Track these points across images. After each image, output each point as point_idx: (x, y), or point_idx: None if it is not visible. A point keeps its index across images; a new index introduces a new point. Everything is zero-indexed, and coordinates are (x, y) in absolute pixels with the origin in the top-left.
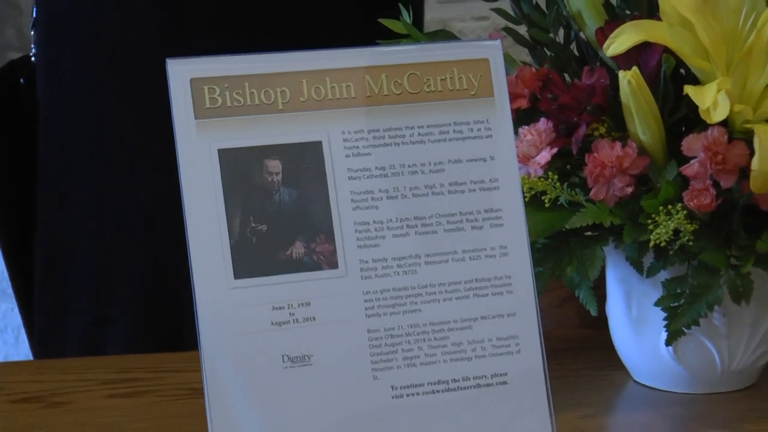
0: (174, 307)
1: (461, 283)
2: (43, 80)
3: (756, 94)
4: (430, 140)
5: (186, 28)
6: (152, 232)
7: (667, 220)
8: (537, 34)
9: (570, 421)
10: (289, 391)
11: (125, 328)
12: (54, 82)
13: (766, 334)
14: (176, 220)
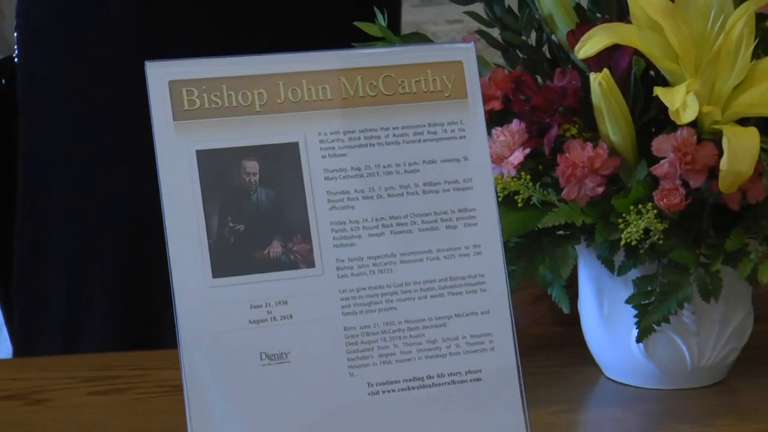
0: (148, 306)
1: (436, 282)
2: (23, 82)
3: (724, 96)
4: (405, 141)
5: (163, 33)
6: (128, 231)
7: (638, 219)
8: (509, 37)
9: (543, 417)
10: (267, 388)
11: (100, 326)
12: (33, 83)
13: (735, 331)
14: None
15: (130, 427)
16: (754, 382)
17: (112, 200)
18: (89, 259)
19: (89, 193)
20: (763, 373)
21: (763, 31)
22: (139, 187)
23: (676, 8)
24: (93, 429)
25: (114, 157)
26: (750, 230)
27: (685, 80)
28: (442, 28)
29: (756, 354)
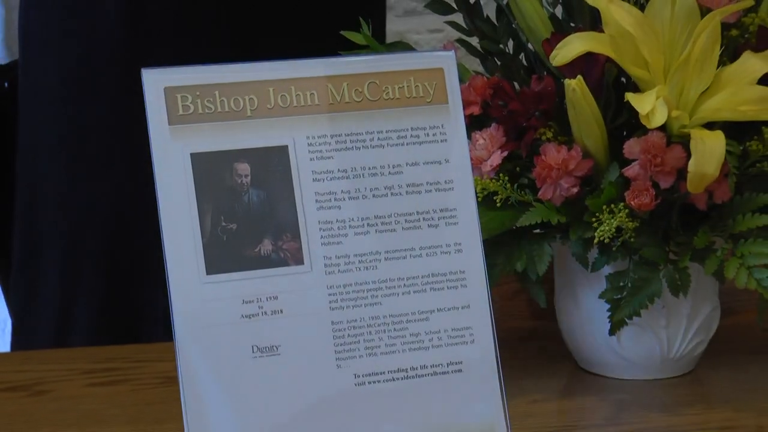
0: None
1: (419, 278)
2: (23, 85)
3: (692, 101)
4: (389, 144)
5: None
6: (115, 230)
7: (610, 218)
8: (488, 46)
9: (520, 406)
10: (259, 379)
11: (88, 319)
12: (32, 88)
13: (702, 324)
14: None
15: (129, 417)
16: (720, 372)
17: (102, 201)
18: (79, 256)
19: (80, 193)
20: (730, 364)
21: (727, 40)
22: (127, 189)
23: (646, 18)
24: (93, 418)
25: (104, 160)
26: (716, 229)
27: (654, 86)
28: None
29: (722, 346)
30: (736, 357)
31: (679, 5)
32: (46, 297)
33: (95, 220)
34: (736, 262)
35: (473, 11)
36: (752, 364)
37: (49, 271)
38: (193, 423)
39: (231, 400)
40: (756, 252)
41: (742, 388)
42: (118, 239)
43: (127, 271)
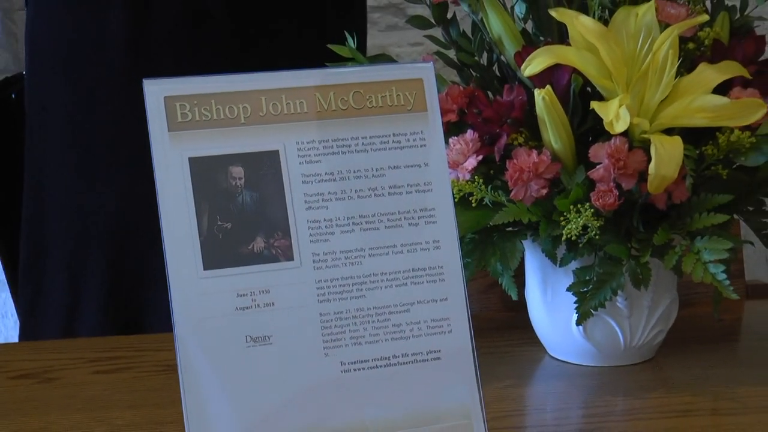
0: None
1: (400, 273)
2: (29, 95)
3: (652, 109)
4: (373, 149)
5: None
6: (118, 230)
7: (577, 217)
8: (464, 58)
9: (494, 391)
10: (252, 366)
11: (94, 314)
12: (37, 97)
13: (662, 315)
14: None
15: (131, 402)
16: (678, 359)
17: (105, 203)
18: (84, 255)
19: (85, 196)
20: (687, 351)
21: (685, 53)
22: (129, 191)
23: (609, 32)
24: (98, 403)
25: (107, 164)
26: (675, 227)
27: (617, 95)
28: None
29: (680, 335)
30: (693, 345)
31: (640, 20)
32: (53, 295)
33: (100, 221)
34: (693, 257)
35: (450, 26)
36: (708, 352)
37: (56, 270)
38: (191, 407)
39: (226, 386)
40: (711, 248)
41: (698, 373)
42: (121, 239)
43: (130, 269)
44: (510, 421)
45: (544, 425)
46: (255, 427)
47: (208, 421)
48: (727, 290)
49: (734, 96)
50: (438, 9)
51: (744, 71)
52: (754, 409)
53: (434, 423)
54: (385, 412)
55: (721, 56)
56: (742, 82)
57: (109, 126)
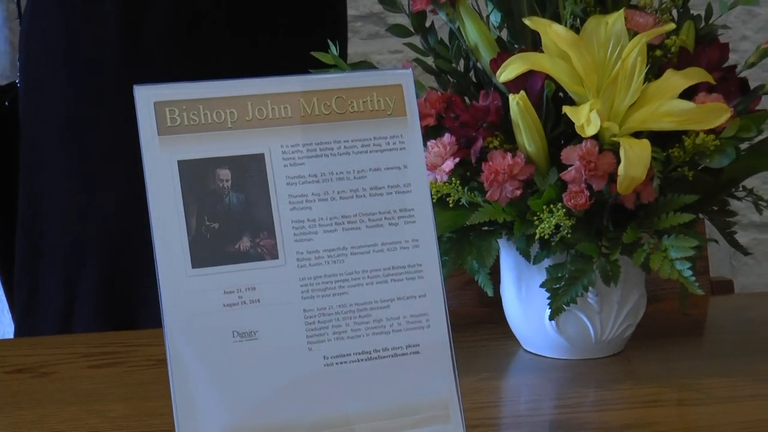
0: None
1: (381, 270)
2: (23, 103)
3: (621, 113)
4: (354, 152)
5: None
6: (113, 231)
7: (550, 216)
8: (442, 64)
9: (471, 384)
10: (239, 361)
11: (88, 312)
12: (32, 105)
13: (631, 310)
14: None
15: (123, 395)
16: (646, 352)
17: (99, 205)
18: (79, 256)
19: (79, 199)
20: (655, 345)
21: (652, 59)
22: (122, 193)
23: (580, 40)
24: (91, 397)
25: (100, 168)
26: (643, 226)
27: (588, 100)
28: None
29: (648, 329)
30: (661, 339)
31: (610, 29)
32: (48, 294)
33: (94, 223)
34: (661, 255)
35: (429, 34)
36: (675, 345)
37: (52, 271)
38: (180, 400)
39: (214, 380)
40: (678, 246)
41: (665, 366)
42: (115, 240)
43: (124, 269)
44: (486, 412)
45: (518, 416)
46: (241, 418)
47: (197, 413)
48: (693, 286)
49: (699, 101)
50: (417, 18)
51: (709, 77)
52: (719, 399)
53: (413, 414)
54: (366, 404)
55: (687, 63)
56: (707, 88)
57: (103, 130)
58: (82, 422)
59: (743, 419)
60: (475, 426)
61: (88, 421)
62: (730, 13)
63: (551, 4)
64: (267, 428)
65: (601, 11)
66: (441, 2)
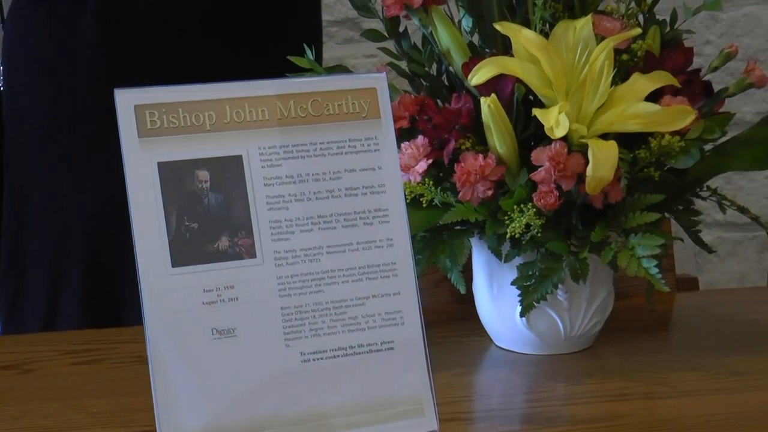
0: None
1: (356, 269)
2: (7, 106)
3: (589, 116)
4: (330, 153)
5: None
6: (96, 231)
7: (520, 216)
8: (415, 68)
9: (444, 379)
10: (218, 357)
11: (72, 312)
12: (15, 108)
13: (599, 306)
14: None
15: (105, 391)
16: (614, 348)
17: (81, 207)
18: (63, 256)
19: (62, 201)
20: (623, 340)
21: (619, 63)
22: (104, 195)
23: (550, 44)
24: (74, 393)
25: (82, 170)
26: (611, 225)
27: (557, 103)
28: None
29: (616, 325)
30: (628, 334)
31: (578, 33)
32: (33, 293)
33: (78, 223)
34: (628, 253)
35: (402, 39)
36: (642, 341)
37: (36, 270)
38: (161, 396)
39: (193, 376)
40: (644, 244)
41: (633, 360)
42: (99, 239)
43: (107, 268)
44: (459, 406)
45: (490, 410)
46: (221, 414)
47: (177, 408)
48: (659, 283)
49: (665, 103)
50: (390, 23)
51: (674, 80)
52: (684, 392)
53: (388, 408)
54: (342, 399)
55: (653, 67)
56: (672, 91)
57: (85, 133)
58: (64, 418)
59: (709, 412)
60: (448, 420)
61: (70, 416)
62: (694, 19)
63: (521, 10)
64: (246, 423)
65: (570, 16)
66: (414, 8)
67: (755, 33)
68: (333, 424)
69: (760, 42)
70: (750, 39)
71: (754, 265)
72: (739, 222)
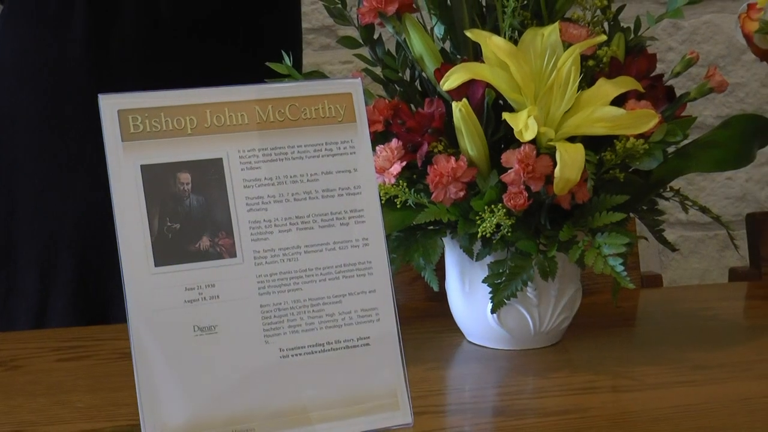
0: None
1: (333, 267)
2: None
3: (557, 119)
4: (307, 156)
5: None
6: (84, 232)
7: (491, 216)
8: (389, 74)
9: (418, 373)
10: (199, 353)
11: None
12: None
13: (567, 303)
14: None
15: (91, 386)
16: (582, 343)
17: (70, 208)
18: (52, 258)
19: (51, 203)
20: (590, 335)
21: (586, 69)
22: (91, 197)
23: (518, 51)
24: (60, 388)
25: (70, 172)
26: (578, 224)
27: (526, 107)
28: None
29: (583, 321)
30: (595, 329)
31: (546, 40)
32: (24, 293)
33: (67, 225)
34: (594, 251)
35: (377, 46)
36: (608, 335)
37: (27, 270)
38: (145, 391)
39: (176, 372)
40: (610, 243)
41: (599, 354)
42: (87, 241)
43: (95, 267)
44: (432, 399)
45: (462, 403)
46: (202, 408)
47: (160, 403)
48: (624, 280)
49: (629, 107)
50: (365, 30)
51: (638, 85)
52: (649, 385)
53: (365, 402)
54: (320, 393)
55: (618, 72)
56: (636, 95)
57: (72, 137)
58: (51, 412)
59: (673, 403)
60: (422, 413)
61: (57, 411)
62: (657, 26)
63: (491, 17)
64: (227, 416)
65: (538, 24)
66: (388, 15)
67: (715, 40)
68: (311, 418)
69: (720, 48)
70: (710, 46)
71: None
72: (701, 221)
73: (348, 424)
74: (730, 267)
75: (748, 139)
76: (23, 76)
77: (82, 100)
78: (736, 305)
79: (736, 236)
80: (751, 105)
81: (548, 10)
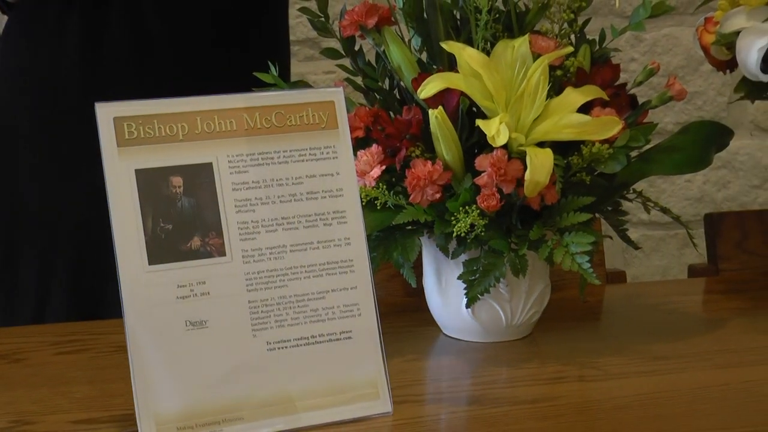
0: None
1: (317, 265)
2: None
3: (527, 126)
4: (292, 161)
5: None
6: (83, 233)
7: (465, 217)
8: (369, 83)
9: (397, 365)
10: (191, 347)
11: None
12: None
13: (537, 298)
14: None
15: (89, 378)
16: (551, 335)
17: (68, 211)
18: (52, 258)
19: (51, 205)
20: (558, 329)
21: (554, 78)
22: (89, 200)
23: (491, 61)
24: (59, 380)
25: (68, 177)
26: (547, 224)
27: (498, 114)
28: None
29: (552, 315)
30: (563, 323)
31: (516, 52)
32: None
33: (66, 226)
34: (562, 250)
35: (357, 57)
36: (575, 329)
37: (27, 266)
38: (139, 382)
39: (169, 364)
40: (577, 242)
41: (567, 346)
42: (85, 241)
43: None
44: (411, 389)
45: (439, 392)
46: (194, 399)
47: (154, 394)
48: (590, 277)
49: (595, 114)
50: (347, 42)
51: (603, 94)
52: (614, 375)
53: (347, 392)
54: (305, 384)
55: (584, 81)
56: (601, 103)
57: (68, 144)
58: (51, 402)
59: (636, 392)
60: (401, 402)
61: (56, 401)
62: (620, 38)
63: (465, 30)
64: (217, 406)
65: (509, 36)
66: (368, 28)
67: (674, 51)
68: (297, 407)
69: (679, 59)
70: (670, 57)
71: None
72: (662, 221)
73: (331, 412)
74: (689, 264)
75: (705, 144)
76: (18, 87)
77: (77, 109)
78: (695, 300)
79: (694, 235)
80: (708, 112)
81: (519, 24)
